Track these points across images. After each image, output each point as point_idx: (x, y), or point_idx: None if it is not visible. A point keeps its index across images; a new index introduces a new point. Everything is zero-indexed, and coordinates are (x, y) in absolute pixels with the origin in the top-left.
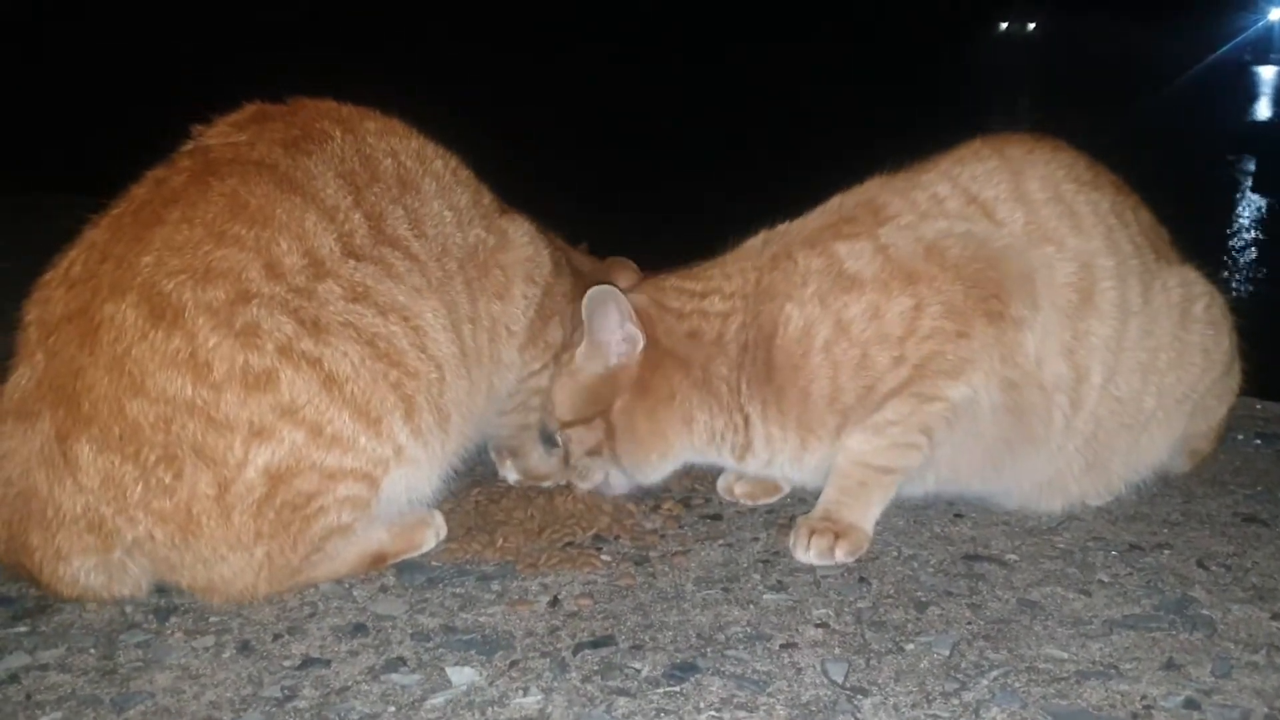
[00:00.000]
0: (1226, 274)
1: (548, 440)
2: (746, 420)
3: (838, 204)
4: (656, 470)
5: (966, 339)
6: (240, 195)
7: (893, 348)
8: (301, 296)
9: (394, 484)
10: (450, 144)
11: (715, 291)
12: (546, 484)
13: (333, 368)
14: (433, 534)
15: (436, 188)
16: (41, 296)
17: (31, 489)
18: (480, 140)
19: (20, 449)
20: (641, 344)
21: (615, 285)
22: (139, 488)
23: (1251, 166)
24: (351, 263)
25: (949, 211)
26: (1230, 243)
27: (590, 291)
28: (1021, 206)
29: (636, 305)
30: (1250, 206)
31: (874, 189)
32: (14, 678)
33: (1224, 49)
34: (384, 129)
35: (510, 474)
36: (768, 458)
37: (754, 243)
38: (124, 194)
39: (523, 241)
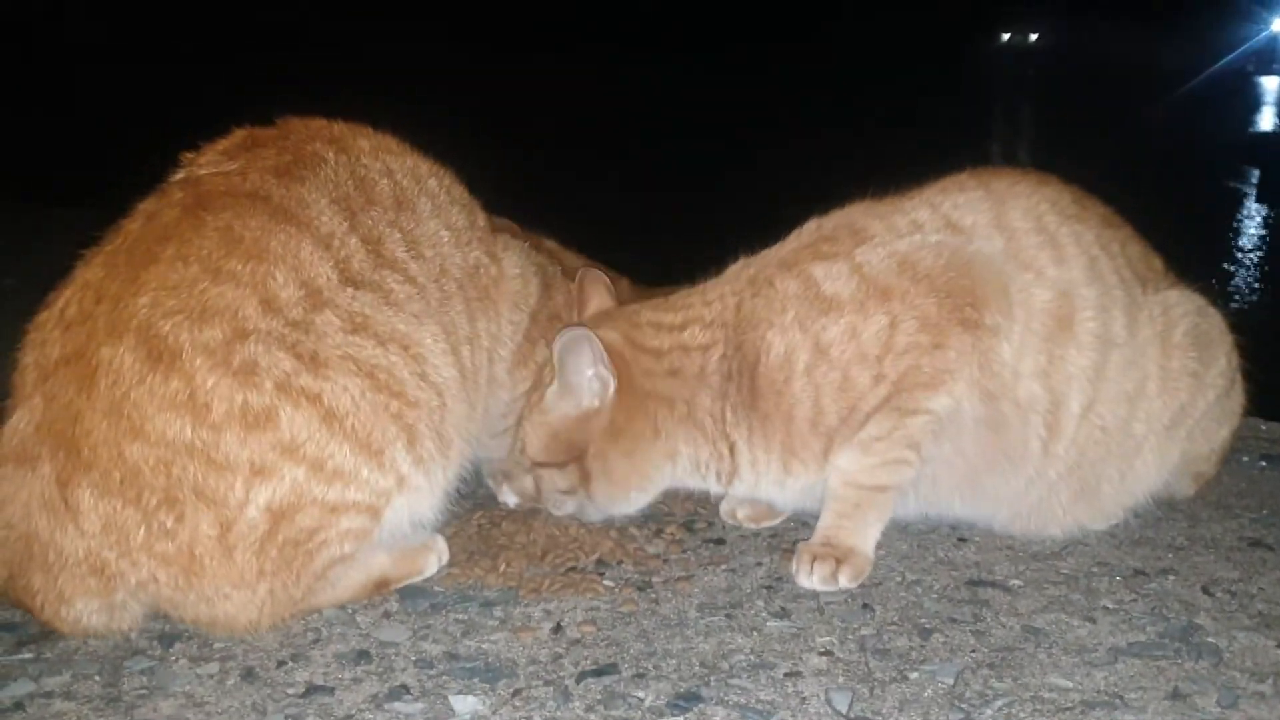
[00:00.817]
0: (1229, 287)
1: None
2: (732, 448)
3: (815, 226)
4: (633, 504)
5: (943, 349)
6: (234, 229)
7: (871, 366)
8: (299, 330)
9: (397, 511)
10: (448, 146)
11: (695, 321)
12: (541, 505)
13: (333, 403)
14: (435, 559)
15: (432, 207)
16: (38, 338)
17: (33, 533)
18: (485, 142)
19: (20, 493)
20: (612, 387)
21: (584, 323)
22: (141, 532)
23: (1255, 177)
24: (350, 291)
25: (926, 233)
26: (1234, 254)
27: (562, 334)
28: (1001, 234)
29: (609, 345)
30: (1254, 217)
31: (855, 213)
32: (19, 705)
33: (1227, 59)
34: (378, 147)
35: (509, 497)
36: (754, 481)
37: (734, 269)
38: (115, 228)
39: (514, 273)
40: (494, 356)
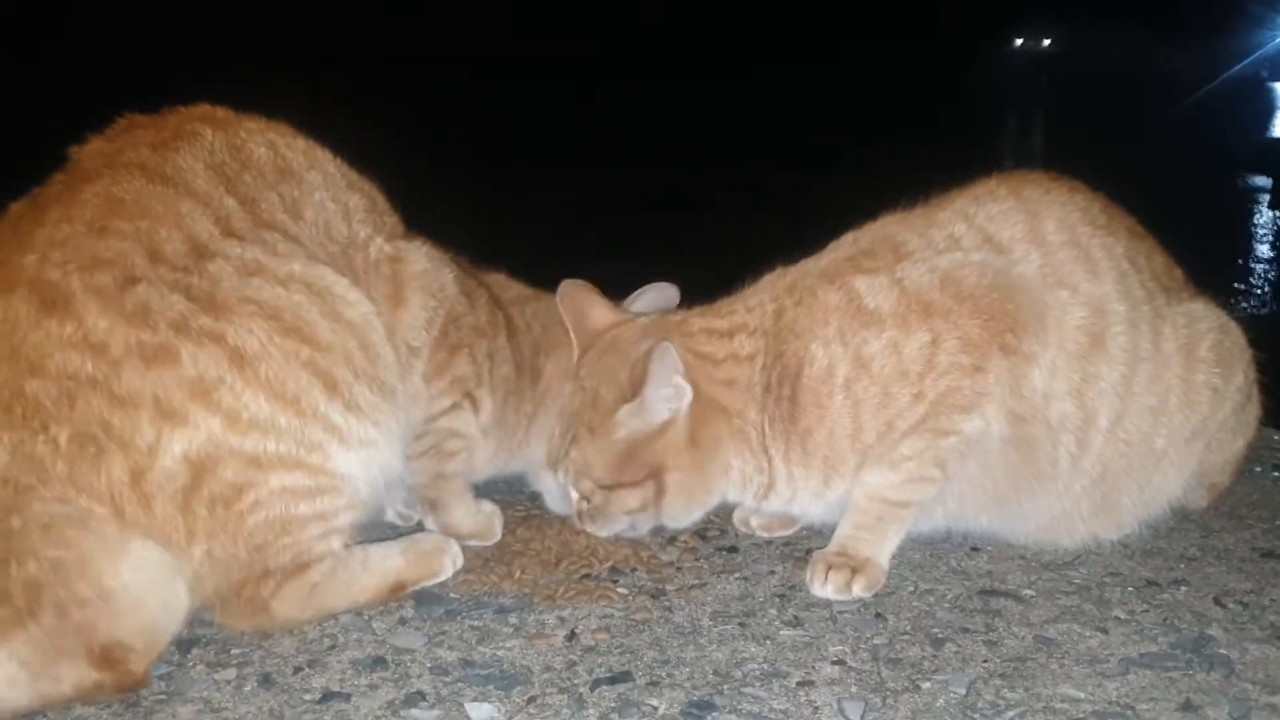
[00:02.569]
0: (1243, 295)
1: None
2: (770, 462)
3: (852, 239)
4: (693, 518)
5: (982, 373)
6: (113, 192)
7: (912, 384)
8: (190, 275)
9: (365, 468)
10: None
11: (741, 329)
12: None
13: (239, 343)
14: (450, 561)
15: (323, 181)
16: None
17: None
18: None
19: None
20: (689, 397)
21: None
22: (60, 464)
23: (1269, 183)
24: (234, 242)
25: (965, 248)
26: (1247, 261)
27: (654, 348)
28: (1037, 248)
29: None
30: (1268, 224)
31: (891, 225)
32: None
33: (1240, 65)
34: (265, 127)
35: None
36: (789, 496)
37: (770, 277)
38: (3, 211)
39: (420, 258)
40: (398, 349)
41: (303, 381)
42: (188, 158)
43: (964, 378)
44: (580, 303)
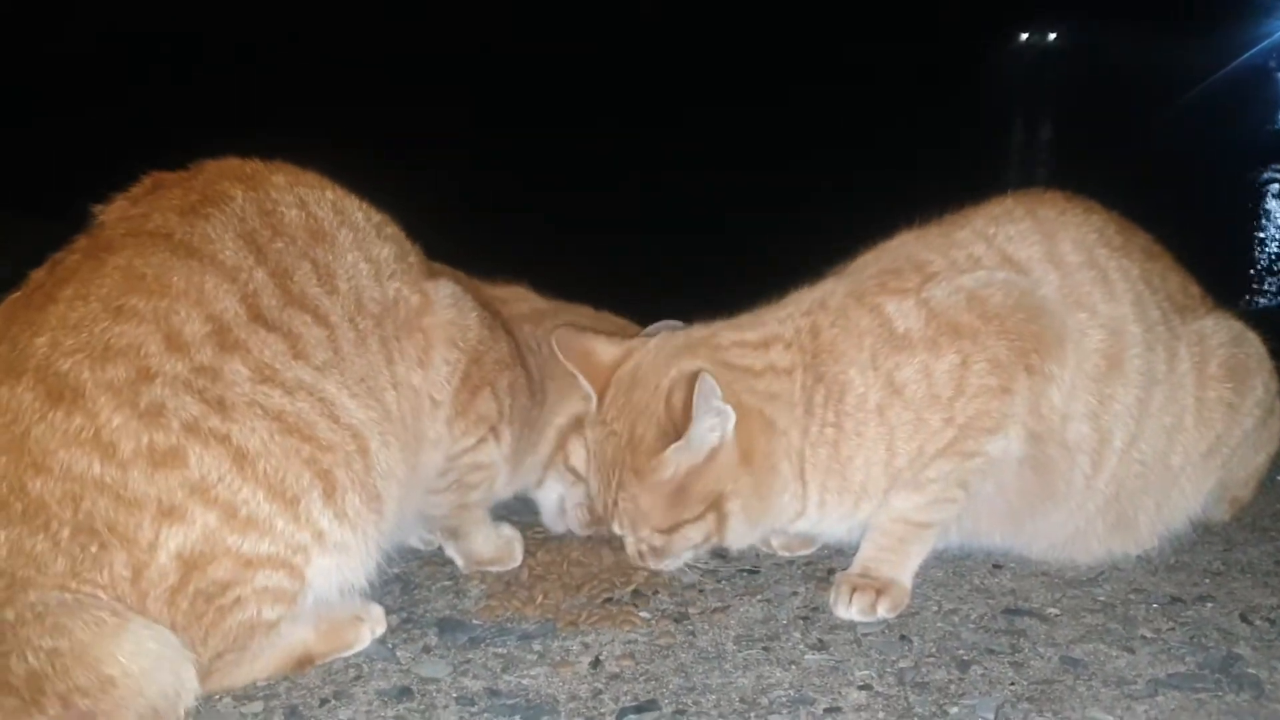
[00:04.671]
0: (1256, 287)
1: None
2: (805, 488)
3: (874, 258)
4: (757, 538)
5: (1009, 394)
6: (135, 267)
7: (943, 409)
8: (206, 377)
9: (324, 574)
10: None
11: (775, 340)
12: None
13: (242, 442)
14: (368, 630)
15: (354, 239)
16: None
17: None
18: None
19: None
20: (733, 420)
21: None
22: (60, 561)
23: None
24: (261, 333)
25: (986, 267)
26: (1260, 254)
27: (692, 379)
28: (1055, 269)
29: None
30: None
31: (912, 245)
32: None
33: (1248, 55)
34: (293, 181)
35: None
36: (817, 519)
37: (796, 294)
38: (24, 278)
39: (446, 304)
40: (420, 408)
41: (304, 482)
42: (217, 226)
43: (992, 400)
44: (580, 346)
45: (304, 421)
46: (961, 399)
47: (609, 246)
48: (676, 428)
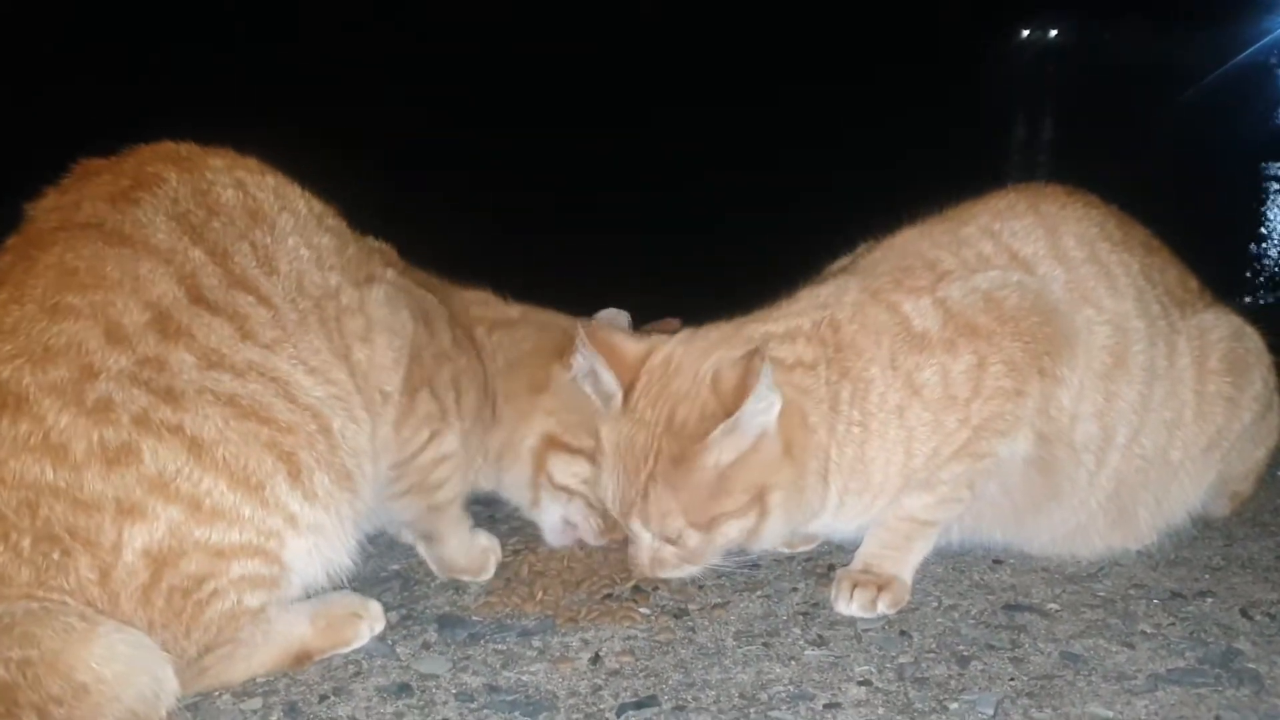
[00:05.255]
0: (1258, 285)
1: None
2: (827, 486)
3: (881, 256)
4: (779, 541)
5: (1023, 397)
6: (67, 262)
7: (959, 410)
8: (151, 367)
9: (304, 557)
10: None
11: (796, 334)
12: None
13: (196, 431)
14: (366, 627)
15: (294, 224)
16: None
17: None
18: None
19: None
20: (779, 407)
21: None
22: (25, 571)
23: None
24: (205, 316)
25: (996, 268)
26: (1262, 251)
27: (750, 357)
28: (1061, 265)
29: None
30: None
31: (919, 242)
32: None
33: (1249, 51)
34: (231, 164)
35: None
36: (831, 520)
37: (809, 290)
38: None
39: (378, 300)
40: (372, 399)
41: (266, 466)
42: (148, 210)
43: (1006, 402)
44: (608, 339)
45: (259, 404)
46: (978, 400)
47: (608, 247)
48: (725, 407)
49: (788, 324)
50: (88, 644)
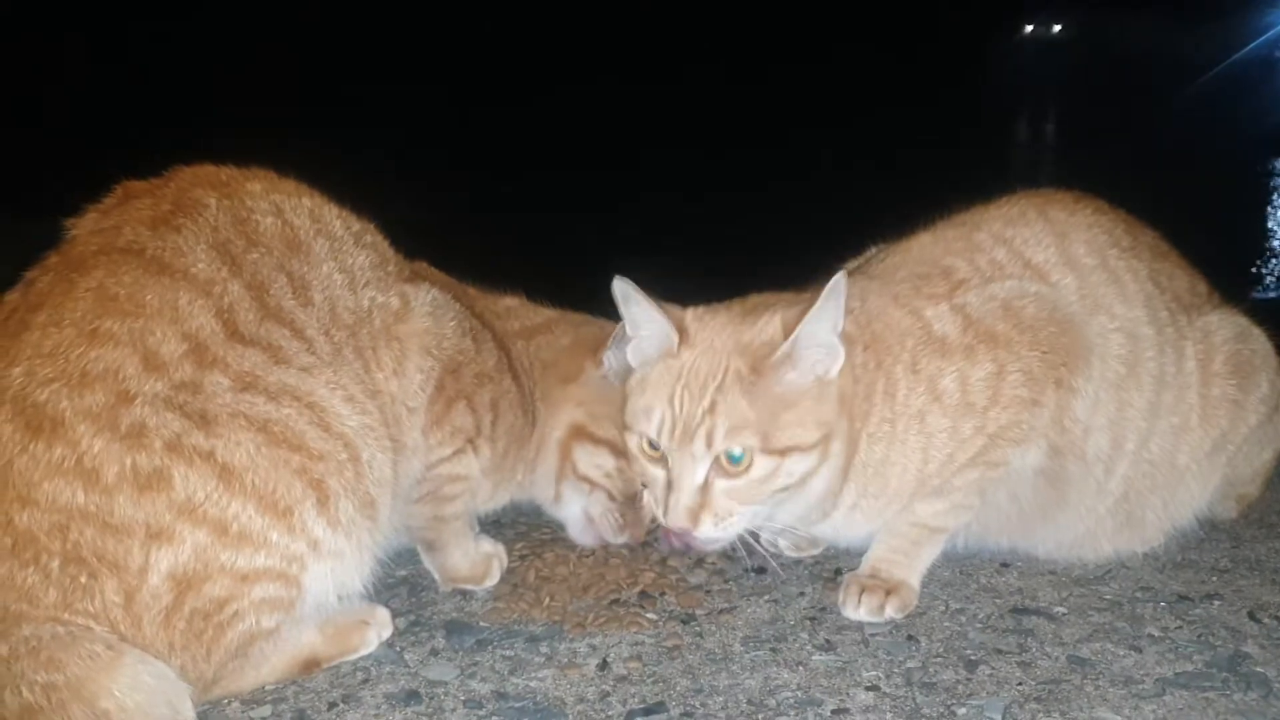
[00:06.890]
0: (1263, 281)
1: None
2: (845, 481)
3: (899, 261)
4: (805, 514)
5: (1039, 407)
6: (107, 287)
7: (976, 417)
8: (187, 391)
9: (320, 580)
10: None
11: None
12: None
13: (227, 458)
14: (374, 634)
15: (329, 248)
16: None
17: None
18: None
19: None
20: (840, 361)
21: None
22: (51, 593)
23: None
24: (236, 347)
25: (1011, 276)
26: (1268, 248)
27: (835, 282)
28: (1072, 272)
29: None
30: None
31: (933, 249)
32: None
33: (1254, 45)
34: (269, 188)
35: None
36: (842, 523)
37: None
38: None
39: (423, 311)
40: (399, 416)
41: (295, 492)
42: (189, 237)
43: (1023, 411)
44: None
45: (291, 431)
46: (995, 409)
47: (608, 253)
48: (804, 314)
49: None
50: (112, 672)
